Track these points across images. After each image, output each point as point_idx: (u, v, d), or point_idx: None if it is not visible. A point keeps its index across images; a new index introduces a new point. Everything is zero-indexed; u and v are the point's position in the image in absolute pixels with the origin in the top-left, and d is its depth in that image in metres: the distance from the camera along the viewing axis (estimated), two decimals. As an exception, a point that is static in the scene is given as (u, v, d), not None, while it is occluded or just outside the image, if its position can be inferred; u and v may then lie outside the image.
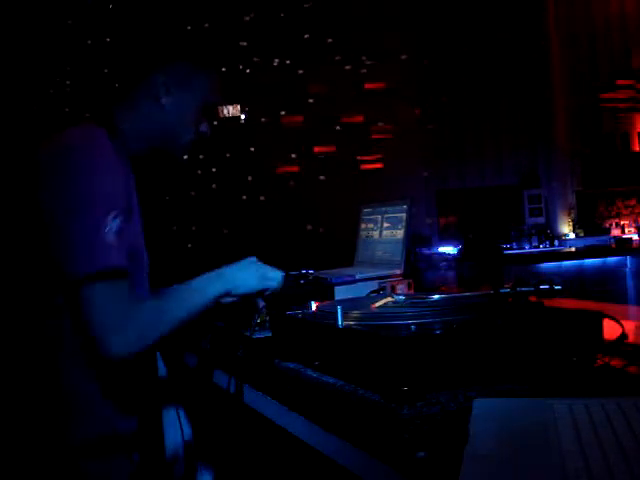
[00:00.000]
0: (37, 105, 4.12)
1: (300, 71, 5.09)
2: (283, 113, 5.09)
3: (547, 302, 1.17)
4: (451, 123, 5.48)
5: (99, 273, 1.11)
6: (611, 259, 4.53)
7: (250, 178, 5.00)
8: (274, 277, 1.34)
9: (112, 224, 1.14)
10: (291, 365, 1.23)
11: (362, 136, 5.21)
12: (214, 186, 4.94)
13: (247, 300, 1.33)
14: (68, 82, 4.48)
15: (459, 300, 1.24)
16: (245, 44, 4.95)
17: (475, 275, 4.19)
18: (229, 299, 1.30)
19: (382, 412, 0.92)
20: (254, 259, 1.35)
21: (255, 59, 5.00)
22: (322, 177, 5.04)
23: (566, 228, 5.45)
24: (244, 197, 4.97)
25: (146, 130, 1.31)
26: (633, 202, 5.47)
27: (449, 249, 4.93)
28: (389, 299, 1.27)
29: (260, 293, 1.33)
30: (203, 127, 1.39)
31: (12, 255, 1.24)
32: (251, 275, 1.32)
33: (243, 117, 5.02)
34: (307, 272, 1.99)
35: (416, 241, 4.80)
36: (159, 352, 1.35)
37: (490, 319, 1.07)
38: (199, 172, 4.86)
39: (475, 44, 5.33)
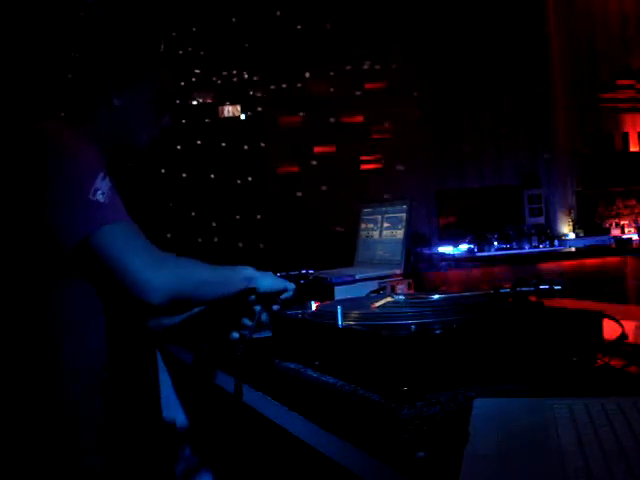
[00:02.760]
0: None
1: (300, 71, 5.08)
2: (283, 113, 5.08)
3: (547, 302, 1.17)
4: (451, 123, 5.48)
5: (103, 225, 1.12)
6: (611, 259, 4.53)
7: (250, 178, 5.00)
8: (290, 282, 1.43)
9: (102, 185, 1.15)
10: (291, 365, 1.23)
11: (362, 136, 5.21)
12: (213, 186, 4.94)
13: (266, 300, 1.38)
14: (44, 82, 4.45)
15: (459, 300, 1.23)
16: (245, 44, 4.95)
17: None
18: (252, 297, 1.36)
19: (382, 412, 0.92)
20: (270, 273, 1.44)
21: (255, 59, 5.00)
22: (322, 177, 5.03)
23: (566, 228, 5.45)
24: (244, 197, 4.97)
25: (106, 131, 1.33)
26: (633, 202, 5.47)
27: (449, 249, 4.93)
28: (389, 299, 1.27)
29: (279, 293, 1.40)
30: (164, 120, 1.40)
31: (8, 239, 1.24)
32: (270, 277, 1.41)
33: (243, 117, 5.02)
34: (307, 272, 1.99)
35: (416, 241, 4.79)
36: (160, 353, 1.35)
37: (490, 319, 1.07)
38: (198, 172, 4.85)
39: (475, 44, 5.33)
